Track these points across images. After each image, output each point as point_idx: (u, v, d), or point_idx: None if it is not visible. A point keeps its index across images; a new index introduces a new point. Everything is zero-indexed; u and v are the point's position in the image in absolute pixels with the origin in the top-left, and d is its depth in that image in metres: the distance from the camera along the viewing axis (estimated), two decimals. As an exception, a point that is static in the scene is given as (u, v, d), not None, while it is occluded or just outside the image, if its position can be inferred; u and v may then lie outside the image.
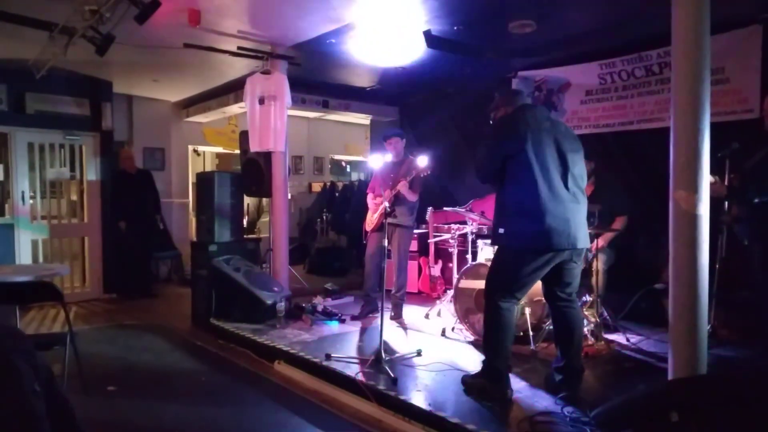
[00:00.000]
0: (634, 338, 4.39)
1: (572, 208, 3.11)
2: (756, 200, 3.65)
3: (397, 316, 5.17)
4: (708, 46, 2.75)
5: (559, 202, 3.05)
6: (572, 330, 3.31)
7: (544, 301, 4.36)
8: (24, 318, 5.69)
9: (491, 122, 3.46)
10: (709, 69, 2.77)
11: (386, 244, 4.13)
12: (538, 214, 3.01)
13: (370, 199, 5.28)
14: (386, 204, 4.30)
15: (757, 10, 4.46)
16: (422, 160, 4.56)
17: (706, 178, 2.76)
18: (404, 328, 5.02)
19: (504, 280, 3.20)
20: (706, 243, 2.75)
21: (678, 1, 2.78)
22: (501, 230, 3.17)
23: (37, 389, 1.45)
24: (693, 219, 2.73)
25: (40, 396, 1.46)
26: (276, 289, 5.29)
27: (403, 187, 4.76)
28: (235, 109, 7.69)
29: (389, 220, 5.03)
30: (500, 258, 3.29)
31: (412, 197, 4.91)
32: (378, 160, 5.29)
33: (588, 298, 4.49)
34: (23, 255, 6.53)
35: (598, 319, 4.29)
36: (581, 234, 3.15)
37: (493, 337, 3.25)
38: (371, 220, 5.17)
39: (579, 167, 3.24)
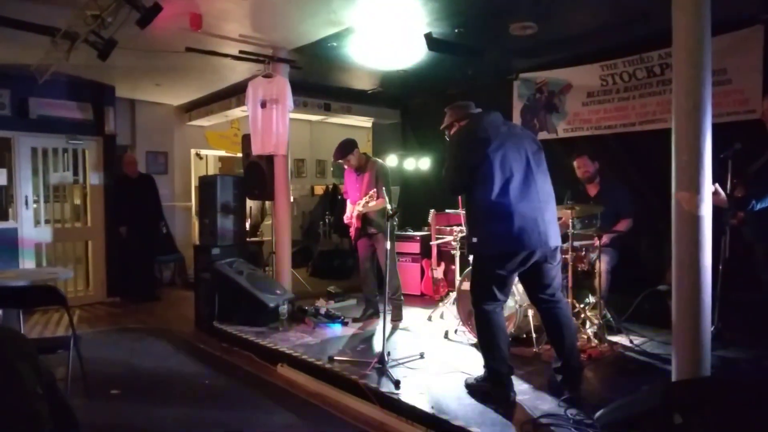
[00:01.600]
0: (637, 340, 4.37)
1: (541, 207, 3.17)
2: (756, 207, 3.63)
3: (396, 318, 5.17)
4: (709, 47, 2.75)
5: (527, 202, 3.11)
6: (561, 328, 3.33)
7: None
8: (28, 322, 5.70)
9: (447, 138, 3.55)
10: (710, 70, 2.76)
11: (387, 246, 4.12)
12: (508, 217, 3.06)
13: (348, 207, 5.29)
14: (388, 208, 4.26)
15: (758, 11, 4.45)
16: (386, 162, 4.56)
17: (708, 179, 2.75)
18: (404, 329, 5.02)
19: (485, 285, 3.23)
20: (708, 244, 2.75)
21: (678, 2, 2.78)
22: (474, 239, 3.21)
23: (39, 391, 1.46)
24: (695, 220, 2.72)
25: (43, 398, 1.46)
26: (279, 291, 5.29)
27: (364, 209, 4.87)
28: (237, 112, 7.71)
29: (364, 232, 5.06)
30: (478, 264, 3.32)
31: (379, 206, 4.83)
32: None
33: (591, 299, 4.48)
34: (27, 259, 6.55)
35: (601, 321, 4.29)
36: (552, 232, 3.19)
37: (486, 340, 3.28)
38: (351, 232, 5.22)
39: (544, 166, 3.31)
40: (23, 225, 6.57)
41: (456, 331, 4.70)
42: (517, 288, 4.18)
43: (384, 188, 4.82)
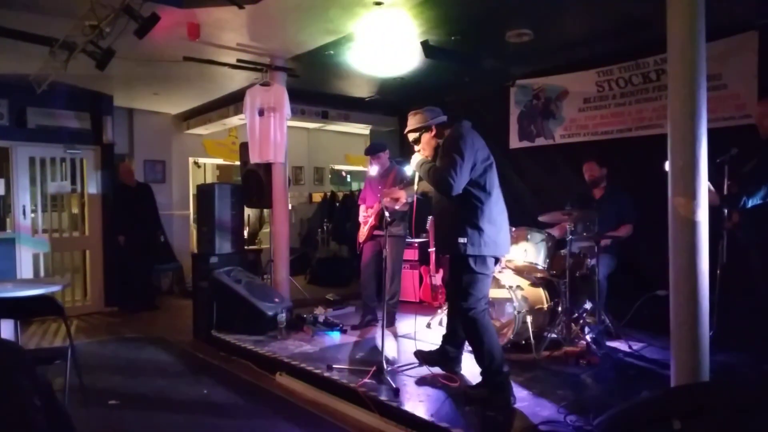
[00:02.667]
0: (636, 345, 4.37)
1: (506, 218, 3.49)
2: (748, 204, 3.65)
3: (389, 324, 5.14)
4: (704, 53, 2.76)
5: (503, 212, 3.45)
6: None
7: (545, 309, 4.39)
8: (25, 332, 5.68)
9: (415, 141, 3.54)
10: (705, 75, 2.78)
11: (386, 253, 4.11)
12: (497, 224, 3.33)
13: (362, 211, 5.29)
14: (386, 215, 4.27)
15: (753, 17, 4.48)
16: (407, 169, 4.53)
17: (704, 185, 2.76)
18: (403, 336, 5.01)
19: (475, 286, 3.31)
20: (705, 249, 2.75)
21: (673, 8, 2.80)
22: (462, 240, 3.23)
23: (36, 403, 1.46)
24: (692, 225, 2.73)
25: (40, 410, 1.46)
26: (277, 300, 5.28)
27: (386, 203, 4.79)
28: (235, 120, 7.73)
29: (378, 232, 5.04)
30: (468, 270, 3.29)
31: (401, 208, 4.86)
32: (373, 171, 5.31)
33: (588, 305, 4.48)
34: (24, 269, 6.52)
35: (600, 326, 4.28)
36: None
37: (480, 345, 3.31)
38: (363, 232, 5.19)
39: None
40: (21, 235, 6.54)
41: (455, 338, 4.68)
42: (515, 294, 4.19)
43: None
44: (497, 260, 3.50)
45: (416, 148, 3.54)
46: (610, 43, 5.24)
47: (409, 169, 3.62)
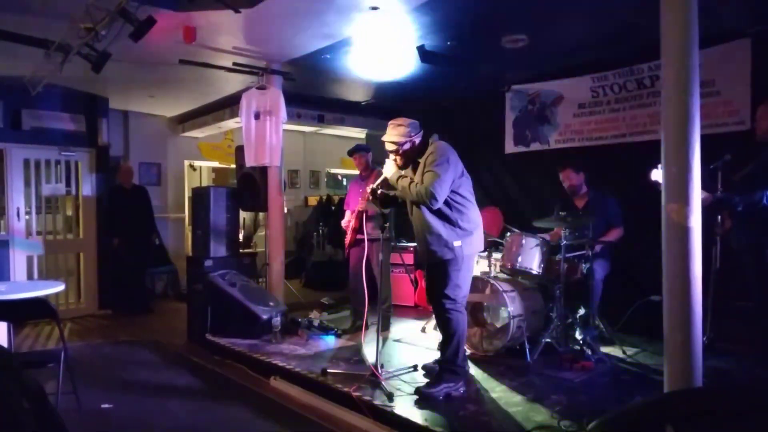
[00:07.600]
0: (630, 350, 4.38)
1: (481, 219, 3.75)
2: (739, 207, 3.66)
3: (384, 329, 5.12)
4: (696, 59, 2.78)
5: (479, 215, 3.69)
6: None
7: (540, 314, 4.39)
8: (19, 335, 5.65)
9: (396, 153, 3.63)
10: (698, 82, 2.79)
11: (380, 257, 4.12)
12: (479, 226, 3.63)
13: (347, 216, 5.29)
14: (375, 215, 4.26)
15: (745, 24, 4.52)
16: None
17: (697, 191, 2.77)
18: (398, 341, 5.01)
19: (465, 284, 3.59)
20: (698, 255, 2.76)
21: (666, 15, 2.82)
22: (458, 243, 3.47)
23: (25, 406, 1.45)
24: (685, 231, 2.74)
25: (29, 413, 1.46)
26: (272, 303, 5.27)
27: (362, 206, 4.79)
28: (230, 124, 7.72)
29: (361, 236, 5.02)
30: (459, 268, 3.52)
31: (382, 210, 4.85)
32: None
33: (583, 309, 4.49)
34: (18, 272, 6.50)
35: (594, 331, 4.29)
36: None
37: (453, 337, 3.54)
38: (348, 237, 5.19)
39: None
40: (15, 237, 6.53)
41: (450, 343, 4.68)
42: (510, 299, 4.20)
43: None
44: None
45: (391, 156, 3.67)
46: (604, 49, 5.26)
47: (386, 173, 3.67)
